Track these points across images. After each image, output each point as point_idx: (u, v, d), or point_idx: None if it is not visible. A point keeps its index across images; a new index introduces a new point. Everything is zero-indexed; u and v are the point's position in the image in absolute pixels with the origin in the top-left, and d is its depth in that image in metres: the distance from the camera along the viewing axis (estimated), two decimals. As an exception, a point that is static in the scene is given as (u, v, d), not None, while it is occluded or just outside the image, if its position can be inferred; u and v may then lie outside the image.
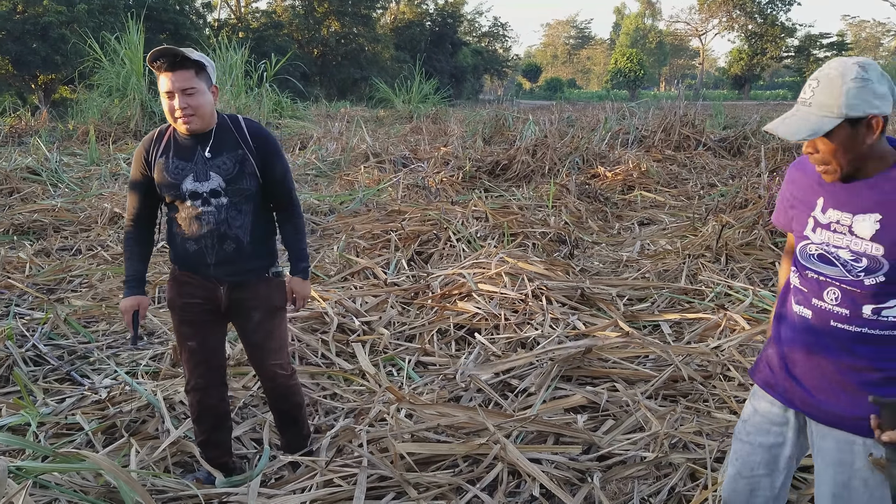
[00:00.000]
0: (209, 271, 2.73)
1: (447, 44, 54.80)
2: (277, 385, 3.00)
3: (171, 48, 2.56)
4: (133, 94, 16.49)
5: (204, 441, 2.98)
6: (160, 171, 2.67)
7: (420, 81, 27.40)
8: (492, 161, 11.60)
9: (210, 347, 2.89)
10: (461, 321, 4.67)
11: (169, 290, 2.87)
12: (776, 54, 68.98)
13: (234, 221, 2.69)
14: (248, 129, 2.73)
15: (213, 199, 2.66)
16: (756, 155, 13.32)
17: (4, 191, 9.43)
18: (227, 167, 2.66)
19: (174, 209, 2.72)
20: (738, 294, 5.12)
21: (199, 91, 2.59)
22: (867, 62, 1.72)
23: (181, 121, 2.60)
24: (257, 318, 2.83)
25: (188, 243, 2.70)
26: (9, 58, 29.22)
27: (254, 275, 2.80)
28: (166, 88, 2.58)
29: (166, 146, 2.69)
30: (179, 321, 2.85)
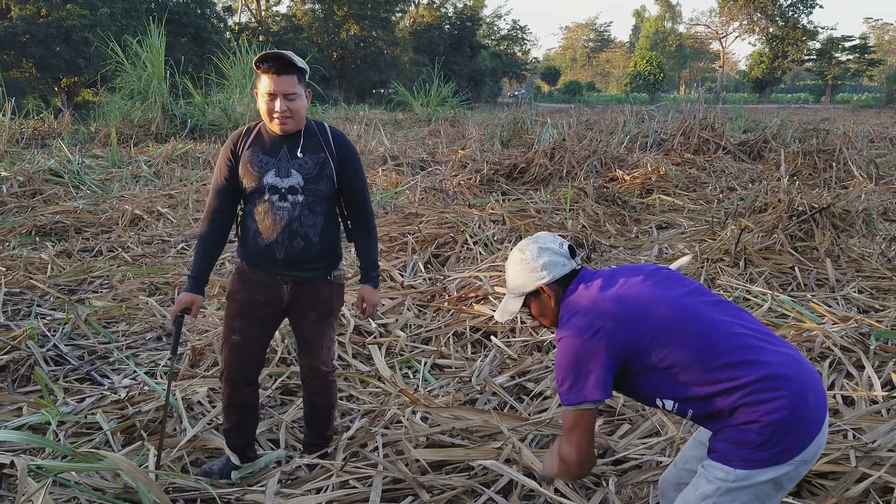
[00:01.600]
0: (276, 268, 2.84)
1: (466, 47, 54.92)
2: (320, 381, 3.08)
3: (281, 53, 2.68)
4: (154, 97, 16.65)
5: (230, 429, 3.07)
6: (245, 163, 2.80)
7: (438, 84, 27.42)
8: (509, 164, 11.59)
9: (254, 345, 2.98)
10: (477, 324, 4.67)
11: (232, 283, 2.96)
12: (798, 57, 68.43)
13: (306, 220, 2.80)
14: (333, 135, 2.88)
15: (291, 195, 2.78)
16: (776, 159, 13.22)
17: (28, 192, 9.56)
18: (309, 167, 2.79)
19: (251, 203, 2.84)
20: (756, 298, 5.08)
21: (299, 96, 2.73)
22: (528, 242, 2.18)
23: (278, 122, 2.73)
24: (313, 318, 2.94)
25: (260, 238, 2.81)
26: (33, 61, 29.66)
27: (318, 275, 2.90)
28: (269, 90, 2.69)
29: (254, 140, 2.83)
30: (234, 314, 2.93)
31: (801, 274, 5.76)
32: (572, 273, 2.15)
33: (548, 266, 2.11)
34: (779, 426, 1.85)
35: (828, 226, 6.72)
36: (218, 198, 2.88)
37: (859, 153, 12.12)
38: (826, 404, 1.96)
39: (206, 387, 3.76)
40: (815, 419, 1.91)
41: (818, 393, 1.94)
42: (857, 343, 4.07)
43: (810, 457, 1.91)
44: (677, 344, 1.93)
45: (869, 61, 67.41)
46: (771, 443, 1.85)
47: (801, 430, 1.87)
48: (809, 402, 1.90)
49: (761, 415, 1.86)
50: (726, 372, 1.90)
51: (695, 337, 1.94)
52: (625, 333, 1.96)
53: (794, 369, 1.93)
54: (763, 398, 1.87)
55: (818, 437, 1.91)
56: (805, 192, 7.96)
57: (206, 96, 17.97)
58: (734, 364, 1.90)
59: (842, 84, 72.27)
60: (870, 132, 17.60)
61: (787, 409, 1.85)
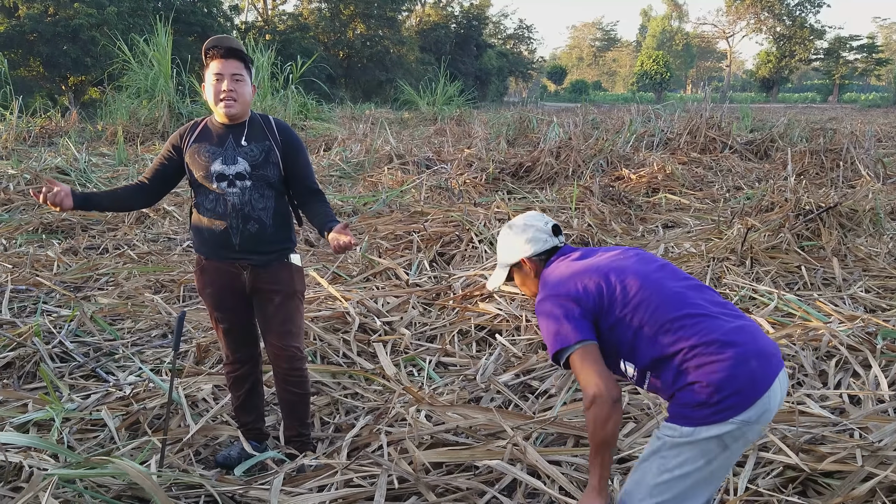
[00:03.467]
0: (234, 254, 2.94)
1: (472, 46, 54.86)
2: (294, 369, 3.16)
3: (228, 37, 2.91)
4: (161, 96, 16.67)
5: (240, 406, 3.23)
6: (192, 155, 2.91)
7: (445, 83, 27.41)
8: (515, 163, 11.57)
9: (242, 327, 3.13)
10: (482, 322, 4.66)
11: (198, 281, 3.10)
12: (805, 57, 68.23)
13: (256, 204, 2.91)
14: (277, 125, 3.01)
15: (238, 181, 2.89)
16: (783, 158, 13.18)
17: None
18: (254, 154, 2.91)
19: (202, 194, 2.94)
20: (762, 298, 5.06)
21: (245, 81, 2.88)
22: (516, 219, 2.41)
23: (224, 104, 2.85)
24: (278, 301, 3.02)
25: (214, 224, 2.91)
26: (40, 59, 29.76)
27: (275, 258, 3.00)
28: (216, 71, 2.83)
29: (200, 134, 2.95)
30: (212, 307, 3.09)
31: (808, 273, 5.74)
32: (554, 249, 2.35)
33: (531, 241, 2.31)
34: (717, 386, 1.96)
35: (835, 225, 6.70)
36: (151, 173, 3.02)
37: (867, 152, 12.06)
38: (775, 373, 2.04)
39: (211, 384, 3.76)
40: (759, 383, 2.00)
41: (763, 360, 2.03)
42: (863, 342, 4.05)
43: (755, 417, 1.99)
44: (638, 307, 2.09)
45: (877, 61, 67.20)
46: (711, 401, 1.97)
47: (741, 391, 1.97)
48: (752, 367, 2.00)
49: (702, 375, 1.98)
50: (676, 334, 2.04)
51: (655, 302, 2.09)
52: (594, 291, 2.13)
53: (742, 337, 2.05)
54: (705, 361, 1.99)
55: (762, 400, 1.99)
56: (812, 192, 7.93)
57: (212, 95, 17.94)
58: (684, 327, 2.04)
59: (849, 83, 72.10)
60: (877, 132, 17.52)
61: (726, 371, 1.97)
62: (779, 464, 2.88)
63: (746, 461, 2.88)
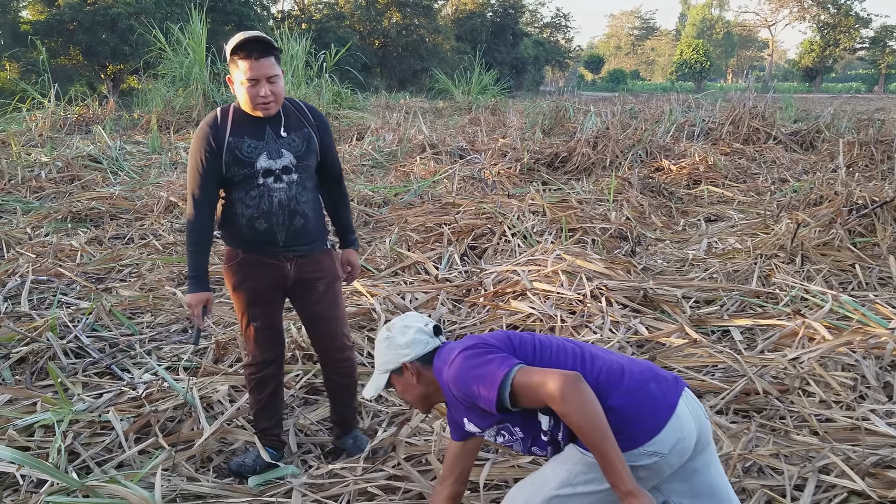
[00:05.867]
0: (277, 249, 2.78)
1: (508, 34, 54.21)
2: (344, 358, 3.04)
3: (260, 35, 2.63)
4: (196, 84, 16.64)
5: (260, 409, 3.03)
6: (230, 151, 2.69)
7: (480, 72, 27.05)
8: (551, 153, 11.27)
9: (274, 325, 2.98)
10: (515, 321, 4.41)
11: (233, 275, 2.87)
12: (850, 46, 66.52)
13: (300, 197, 2.77)
14: (309, 109, 2.87)
15: (285, 175, 2.73)
16: (830, 150, 12.68)
17: (66, 178, 9.54)
18: (297, 144, 2.76)
19: (241, 190, 2.73)
20: (815, 299, 4.73)
21: (280, 78, 2.70)
22: (395, 321, 2.23)
23: (262, 107, 2.67)
24: (322, 288, 2.91)
25: (258, 222, 2.73)
26: (80, 48, 30.05)
27: (317, 248, 2.88)
28: (251, 76, 2.61)
29: (233, 126, 2.72)
30: (247, 304, 2.88)
31: (863, 272, 5.38)
32: (434, 350, 2.18)
33: (412, 344, 2.16)
34: (617, 412, 1.88)
35: (889, 220, 6.30)
36: (201, 190, 2.74)
37: (920, 144, 11.51)
38: (676, 399, 1.96)
39: (228, 384, 3.58)
40: (661, 408, 1.92)
41: (661, 382, 1.98)
42: (930, 350, 3.72)
43: (666, 449, 1.90)
44: (543, 352, 2.03)
45: (925, 50, 65.16)
46: (616, 432, 1.84)
47: (644, 418, 1.90)
48: (652, 389, 1.95)
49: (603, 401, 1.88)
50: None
51: (566, 351, 2.05)
52: (504, 339, 2.07)
53: (637, 368, 2.01)
54: (606, 390, 1.93)
55: (668, 430, 1.90)
56: (863, 185, 7.52)
57: (246, 84, 17.89)
58: (597, 374, 1.97)
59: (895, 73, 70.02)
60: (929, 122, 16.81)
61: (626, 396, 1.91)
62: (842, 489, 2.60)
63: (806, 485, 2.61)
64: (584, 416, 1.79)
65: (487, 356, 1.96)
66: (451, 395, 2.07)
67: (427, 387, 2.16)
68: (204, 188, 2.74)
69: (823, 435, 3.02)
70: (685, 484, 2.04)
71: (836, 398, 3.32)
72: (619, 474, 1.79)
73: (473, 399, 1.97)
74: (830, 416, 3.17)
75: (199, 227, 2.78)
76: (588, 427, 1.80)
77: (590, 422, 1.79)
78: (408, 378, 2.17)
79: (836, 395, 3.34)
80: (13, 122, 14.35)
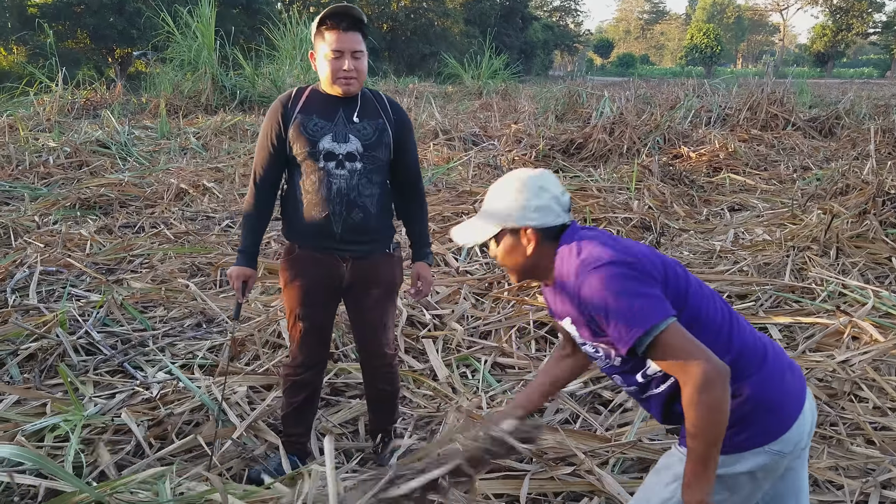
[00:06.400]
0: (333, 243, 2.63)
1: (517, 18, 53.69)
2: (385, 365, 2.89)
3: (348, 6, 2.51)
4: (205, 68, 16.44)
5: (290, 414, 2.89)
6: (297, 128, 2.58)
7: (490, 57, 26.75)
8: (566, 139, 11.05)
9: (323, 326, 2.83)
10: (541, 318, 4.23)
11: (287, 270, 2.74)
12: (862, 30, 65.85)
13: (364, 189, 2.61)
14: (389, 102, 2.72)
15: (348, 162, 2.58)
16: (850, 136, 12.42)
17: (74, 164, 9.38)
18: (368, 133, 2.61)
19: (302, 173, 2.61)
20: (854, 294, 4.53)
21: (365, 55, 2.58)
22: (531, 176, 1.84)
23: (343, 82, 2.55)
24: (376, 295, 2.76)
25: (315, 210, 2.60)
26: (87, 31, 29.81)
27: (377, 248, 2.72)
28: (336, 47, 2.51)
29: (306, 103, 2.62)
30: (297, 302, 2.74)
31: (900, 265, 5.18)
32: (562, 227, 1.86)
33: (542, 210, 1.82)
34: (750, 402, 1.70)
35: (924, 211, 6.09)
36: (265, 166, 2.67)
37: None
38: (804, 392, 1.79)
39: (246, 384, 3.41)
40: (794, 402, 1.75)
41: (794, 371, 1.80)
42: None
43: (789, 449, 1.72)
44: (699, 315, 1.74)
45: (939, 34, 64.33)
46: (745, 423, 1.68)
47: (778, 412, 1.72)
48: (787, 380, 1.75)
49: (735, 390, 1.67)
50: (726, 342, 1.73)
51: (717, 306, 1.79)
52: (658, 276, 1.73)
53: (774, 350, 1.82)
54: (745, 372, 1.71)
55: (797, 427, 1.73)
56: (894, 173, 7.29)
57: (256, 67, 17.71)
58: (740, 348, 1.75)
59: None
60: (950, 108, 16.48)
61: (764, 385, 1.72)
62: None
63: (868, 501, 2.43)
64: (710, 415, 1.59)
65: (641, 289, 1.66)
66: (566, 287, 1.78)
67: (537, 261, 1.86)
68: (267, 167, 2.66)
69: (882, 445, 2.84)
70: (778, 483, 1.82)
71: (892, 404, 3.13)
72: (705, 484, 1.62)
73: (602, 324, 1.69)
74: (887, 424, 2.99)
75: (258, 206, 2.70)
76: (707, 428, 1.60)
77: (711, 423, 1.59)
78: (521, 243, 1.84)
79: (893, 400, 3.15)
80: (21, 106, 14.18)
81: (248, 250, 2.72)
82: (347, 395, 3.56)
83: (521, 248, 1.84)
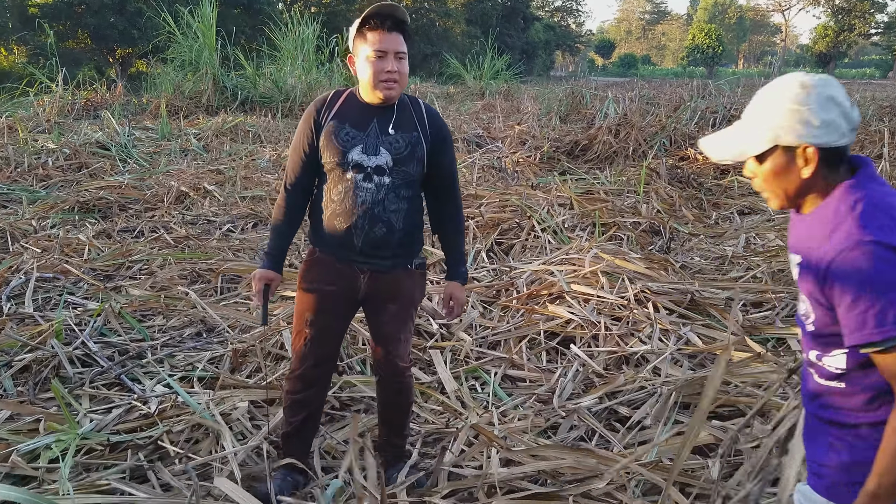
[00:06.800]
0: (353, 255, 2.54)
1: (519, 18, 53.57)
2: (398, 378, 2.78)
3: (393, 5, 2.40)
4: (206, 69, 16.33)
5: (289, 433, 2.78)
6: (328, 134, 2.49)
7: (492, 57, 26.64)
8: (570, 141, 10.94)
9: (332, 337, 2.71)
10: (552, 327, 4.10)
11: (305, 272, 2.66)
12: (864, 31, 65.73)
13: (390, 205, 2.49)
14: (427, 112, 2.58)
15: (377, 175, 2.47)
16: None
17: (73, 166, 9.26)
18: (400, 146, 2.49)
19: (329, 180, 2.52)
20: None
21: (407, 59, 2.47)
22: (817, 82, 1.49)
23: (385, 85, 2.42)
24: (393, 311, 2.65)
25: (338, 220, 2.50)
26: (88, 31, 29.69)
27: (399, 263, 2.60)
28: (379, 47, 2.39)
29: (341, 110, 2.52)
30: (307, 306, 2.63)
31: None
32: (844, 150, 1.52)
33: (829, 126, 1.47)
34: None
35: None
36: (297, 170, 2.59)
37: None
38: None
39: (248, 400, 3.29)
40: None
41: None
42: None
43: None
44: None
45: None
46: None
47: None
48: None
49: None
50: None
51: None
52: None
53: None
54: None
55: None
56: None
57: (257, 68, 17.60)
58: None
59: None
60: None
61: None
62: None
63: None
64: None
65: None
66: (822, 234, 1.48)
67: (811, 187, 1.53)
68: (299, 171, 2.58)
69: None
70: None
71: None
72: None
73: (838, 299, 1.43)
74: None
75: (287, 211, 2.63)
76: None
77: None
78: (796, 164, 1.51)
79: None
80: (20, 106, 14.06)
81: (273, 253, 2.65)
82: (354, 409, 3.43)
83: (795, 169, 1.52)
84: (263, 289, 2.63)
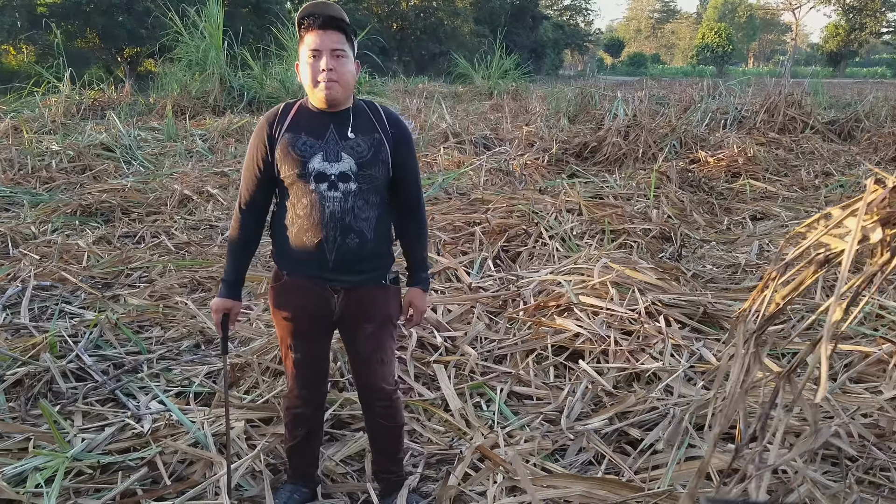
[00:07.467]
0: (325, 272, 2.40)
1: (527, 17, 53.40)
2: (384, 401, 2.65)
3: (326, 3, 2.31)
4: (212, 69, 16.25)
5: (293, 447, 2.75)
6: (284, 147, 2.36)
7: (500, 56, 26.47)
8: (579, 143, 10.79)
9: (316, 359, 2.62)
10: (560, 341, 3.97)
11: (274, 298, 2.53)
12: (876, 29, 65.19)
13: (360, 213, 2.37)
14: (386, 114, 2.47)
15: (342, 183, 2.34)
16: (872, 140, 12.11)
17: (77, 168, 9.19)
18: (362, 150, 2.37)
19: (292, 196, 2.38)
20: (892, 316, 4.26)
21: (347, 57, 2.34)
22: None
23: (323, 85, 2.30)
24: (370, 330, 2.53)
25: (307, 236, 2.36)
26: (96, 31, 29.70)
27: (372, 279, 2.48)
28: (314, 46, 2.30)
29: (294, 121, 2.40)
30: (286, 332, 2.55)
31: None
32: None
33: None
34: None
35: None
36: (252, 188, 2.45)
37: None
38: None
39: (243, 419, 3.18)
40: None
41: None
42: None
43: None
44: None
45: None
46: None
47: None
48: None
49: None
50: None
51: None
52: None
53: None
54: None
55: None
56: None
57: (264, 68, 17.52)
58: None
59: (922, 58, 68.62)
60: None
61: None
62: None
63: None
64: None
65: None
66: None
67: None
68: (253, 188, 2.45)
69: (941, 497, 2.58)
70: None
71: (948, 449, 2.87)
72: None
73: None
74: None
75: (243, 233, 2.50)
76: None
77: None
78: None
79: (950, 444, 2.89)
80: (27, 106, 14.02)
81: (229, 280, 2.53)
82: (353, 427, 3.32)
83: None
84: (222, 319, 2.52)
